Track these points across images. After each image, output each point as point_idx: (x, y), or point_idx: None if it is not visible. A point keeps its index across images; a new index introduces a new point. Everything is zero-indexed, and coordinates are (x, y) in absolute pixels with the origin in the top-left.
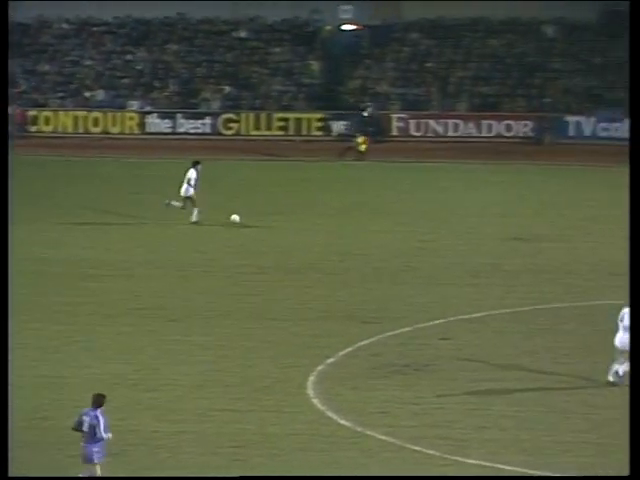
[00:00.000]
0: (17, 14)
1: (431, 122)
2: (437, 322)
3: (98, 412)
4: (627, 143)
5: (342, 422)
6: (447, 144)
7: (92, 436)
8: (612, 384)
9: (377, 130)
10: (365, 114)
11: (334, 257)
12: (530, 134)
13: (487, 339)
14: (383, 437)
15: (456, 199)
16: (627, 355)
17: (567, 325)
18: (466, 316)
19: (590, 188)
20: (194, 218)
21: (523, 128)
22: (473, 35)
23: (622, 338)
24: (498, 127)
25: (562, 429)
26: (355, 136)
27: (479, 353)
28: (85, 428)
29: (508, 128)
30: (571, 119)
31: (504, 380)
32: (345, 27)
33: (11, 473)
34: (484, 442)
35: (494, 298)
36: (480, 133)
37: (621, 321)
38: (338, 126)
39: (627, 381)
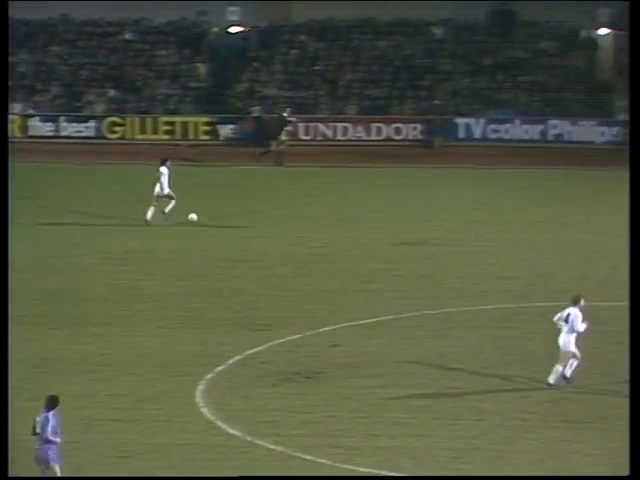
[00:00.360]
0: None
1: (320, 125)
2: (327, 329)
3: (50, 413)
4: (517, 144)
5: (232, 431)
6: (336, 148)
7: (43, 437)
8: (550, 386)
9: (266, 134)
10: (285, 114)
11: (223, 264)
12: (420, 137)
13: (378, 345)
14: (273, 446)
15: (346, 203)
16: (569, 355)
17: (457, 330)
18: (356, 322)
19: (480, 191)
20: (168, 209)
21: (412, 131)
22: (362, 37)
23: (564, 338)
24: (387, 130)
25: (452, 435)
26: (277, 138)
27: (370, 360)
28: (38, 429)
29: (397, 131)
30: (461, 121)
31: (394, 387)
32: (232, 29)
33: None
34: (375, 450)
35: (384, 304)
36: (369, 136)
37: (565, 322)
38: (225, 130)
39: (553, 380)
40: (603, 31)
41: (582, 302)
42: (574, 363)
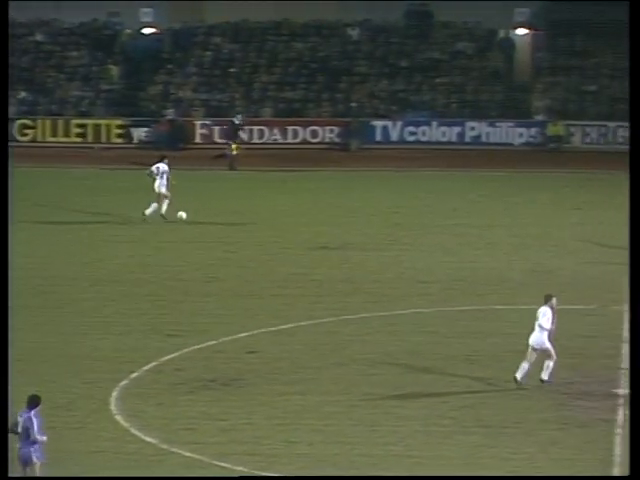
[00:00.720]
0: None
1: None
2: (243, 335)
3: (32, 413)
4: (435, 146)
5: (147, 439)
6: (252, 151)
7: (26, 438)
8: (518, 383)
9: (181, 137)
10: (237, 121)
11: (136, 269)
12: (336, 140)
13: (295, 351)
14: (190, 454)
15: (262, 207)
16: (546, 353)
17: (374, 335)
18: (273, 328)
19: (398, 194)
20: (149, 211)
21: (329, 134)
22: (277, 38)
23: (536, 337)
24: (304, 133)
25: (371, 442)
26: (229, 144)
27: (287, 366)
28: (19, 429)
29: (314, 134)
30: (378, 123)
31: (312, 393)
32: (145, 30)
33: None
34: (294, 457)
35: (302, 309)
36: (286, 139)
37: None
38: (139, 133)
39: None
40: (521, 31)
41: (554, 301)
42: (550, 364)
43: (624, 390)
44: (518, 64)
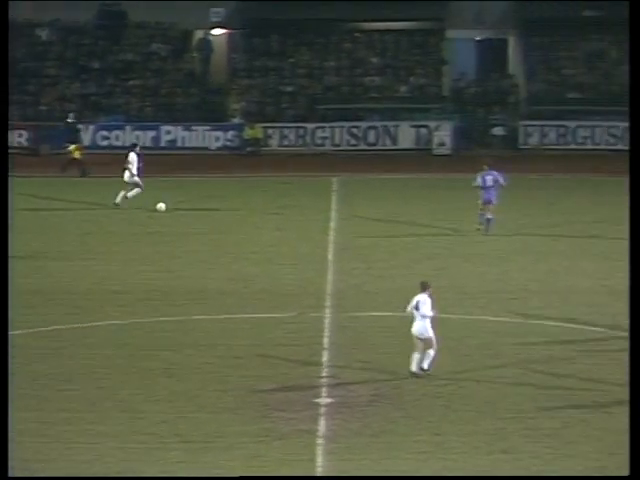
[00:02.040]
0: None
1: None
2: None
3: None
4: (158, 151)
5: None
6: None
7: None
8: (415, 375)
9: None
10: (69, 120)
11: None
12: (26, 144)
13: None
14: None
15: None
16: (428, 342)
17: (68, 349)
18: None
19: (88, 201)
20: (118, 199)
21: (18, 138)
22: None
23: (419, 326)
24: None
25: (66, 460)
26: (66, 147)
27: None
28: None
29: None
30: None
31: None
32: None
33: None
34: None
35: None
36: None
37: (416, 309)
38: None
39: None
40: (217, 31)
41: (430, 289)
42: (431, 353)
43: (325, 399)
44: (214, 66)
